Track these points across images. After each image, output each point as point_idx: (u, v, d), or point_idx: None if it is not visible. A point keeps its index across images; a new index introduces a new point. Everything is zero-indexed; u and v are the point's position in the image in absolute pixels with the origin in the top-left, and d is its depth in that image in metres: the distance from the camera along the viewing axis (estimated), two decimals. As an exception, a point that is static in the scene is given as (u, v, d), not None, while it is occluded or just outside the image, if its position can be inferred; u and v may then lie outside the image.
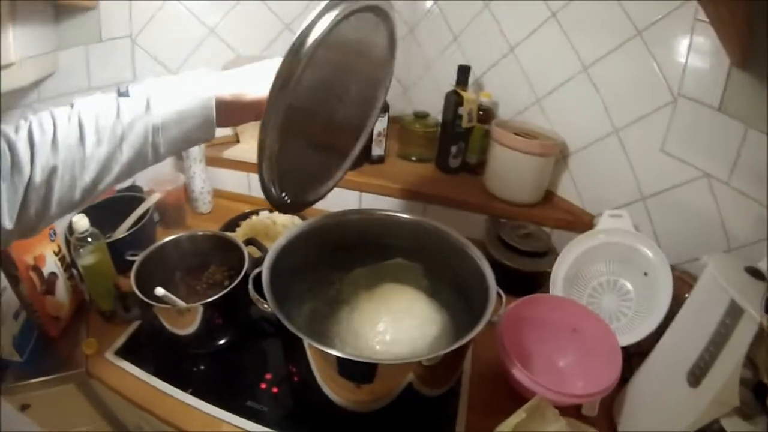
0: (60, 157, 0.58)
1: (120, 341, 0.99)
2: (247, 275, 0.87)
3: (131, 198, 1.25)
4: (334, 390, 0.80)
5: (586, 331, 1.06)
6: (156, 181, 1.33)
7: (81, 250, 0.97)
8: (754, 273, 0.82)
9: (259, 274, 0.82)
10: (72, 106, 0.61)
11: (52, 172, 0.58)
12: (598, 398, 0.96)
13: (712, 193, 1.07)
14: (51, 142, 0.57)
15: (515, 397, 0.94)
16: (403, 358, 0.82)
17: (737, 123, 0.99)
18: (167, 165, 1.44)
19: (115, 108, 0.61)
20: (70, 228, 1.04)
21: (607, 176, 1.28)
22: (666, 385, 0.89)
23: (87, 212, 1.01)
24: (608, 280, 1.18)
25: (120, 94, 0.62)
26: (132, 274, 0.93)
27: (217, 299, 0.89)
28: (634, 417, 0.96)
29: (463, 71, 1.40)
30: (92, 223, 0.99)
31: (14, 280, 0.92)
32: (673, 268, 1.07)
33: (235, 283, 0.92)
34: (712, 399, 0.80)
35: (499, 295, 0.88)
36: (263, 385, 0.91)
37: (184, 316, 0.90)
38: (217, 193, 1.51)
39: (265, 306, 0.77)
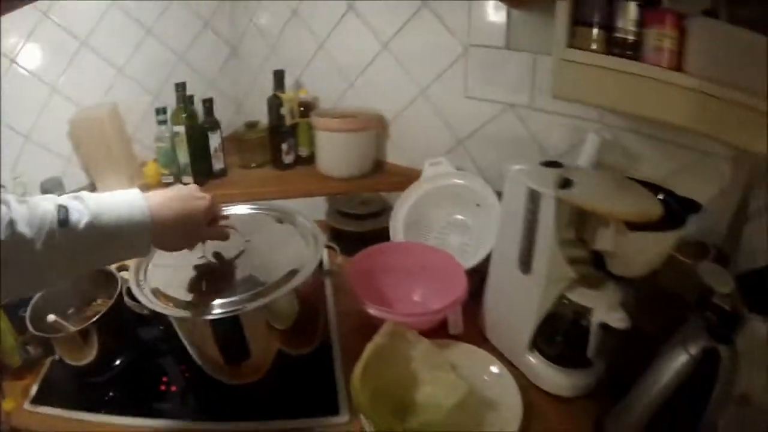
0: None
1: (33, 389, 0.91)
2: (122, 295, 0.85)
3: None
4: (214, 368, 0.82)
5: (434, 265, 1.01)
6: None
7: None
8: (550, 164, 0.82)
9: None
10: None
11: None
12: (452, 314, 0.89)
13: (519, 119, 1.09)
14: None
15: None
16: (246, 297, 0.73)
17: (525, 54, 1.03)
18: None
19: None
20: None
21: (424, 133, 1.27)
22: (507, 283, 0.85)
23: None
24: (448, 221, 1.15)
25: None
26: (27, 316, 0.87)
27: (102, 316, 0.85)
28: (494, 323, 0.91)
29: (278, 75, 1.34)
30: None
31: None
32: (501, 194, 1.05)
33: (113, 299, 0.88)
34: (545, 278, 0.77)
35: (332, 248, 0.92)
36: (162, 387, 0.91)
37: (79, 345, 0.86)
38: None
39: (144, 310, 0.76)
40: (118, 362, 0.92)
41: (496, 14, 1.05)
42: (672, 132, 0.87)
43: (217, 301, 0.71)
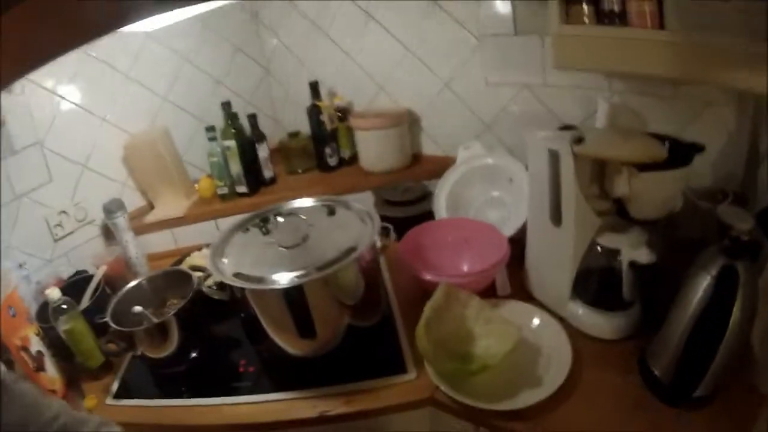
0: None
1: (114, 386, 1.03)
2: (199, 291, 1.01)
3: (80, 280, 1.25)
4: (291, 343, 0.94)
5: (476, 236, 1.15)
6: (95, 259, 1.34)
7: (60, 318, 1.00)
8: (566, 128, 0.95)
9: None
10: None
11: None
12: (499, 276, 1.03)
13: (535, 97, 1.23)
14: None
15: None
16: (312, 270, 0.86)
17: (532, 37, 1.18)
18: (99, 245, 1.43)
19: None
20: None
21: (453, 122, 1.42)
22: (543, 238, 0.98)
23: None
24: (485, 199, 1.28)
25: None
26: (108, 315, 0.99)
27: (181, 309, 0.97)
28: (537, 279, 1.04)
29: (314, 86, 1.53)
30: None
31: (9, 363, 0.94)
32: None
33: (190, 294, 1.00)
34: (575, 225, 0.89)
35: (386, 227, 1.03)
36: (241, 369, 1.01)
37: (159, 338, 0.98)
38: (150, 257, 1.46)
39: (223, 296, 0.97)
40: (194, 354, 1.04)
41: (501, 4, 1.19)
42: (673, 88, 1.00)
43: (286, 275, 0.85)
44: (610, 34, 0.84)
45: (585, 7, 0.86)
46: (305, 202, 1.07)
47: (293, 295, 0.87)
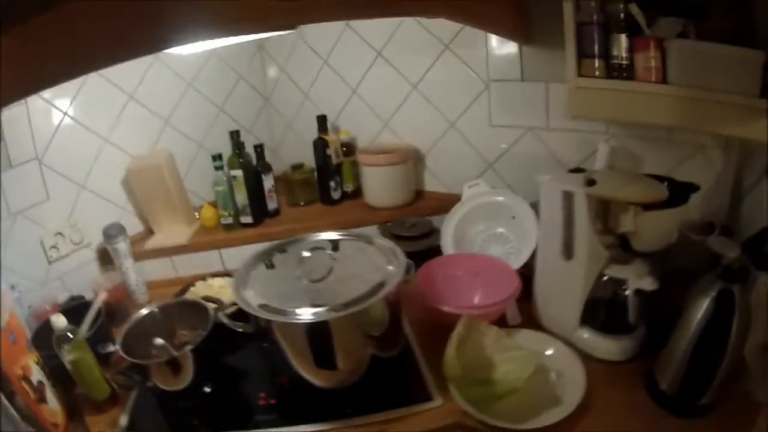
0: None
1: (123, 420, 1.01)
2: (215, 323, 1.02)
3: (77, 306, 1.23)
4: (312, 372, 0.96)
5: (485, 270, 1.24)
6: (96, 285, 1.32)
7: (64, 347, 0.98)
8: (576, 170, 1.07)
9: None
10: None
11: None
12: (510, 305, 1.12)
13: (539, 139, 1.36)
14: None
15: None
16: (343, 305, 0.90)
17: (538, 84, 1.31)
18: (94, 270, 1.43)
19: None
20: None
21: (457, 161, 1.53)
22: (553, 271, 1.08)
23: (48, 324, 1.01)
24: (488, 234, 1.38)
25: None
26: (119, 347, 0.98)
27: (200, 342, 0.98)
28: (545, 309, 1.12)
29: (322, 120, 1.61)
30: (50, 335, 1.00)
31: (10, 394, 0.87)
32: (532, 204, 1.28)
33: (210, 326, 1.02)
34: (587, 259, 1.00)
35: (408, 264, 1.04)
36: (261, 402, 1.02)
37: (174, 370, 0.97)
38: (148, 285, 1.46)
39: (248, 328, 0.97)
40: (208, 387, 1.04)
41: (510, 52, 1.33)
42: (667, 133, 1.14)
43: (315, 310, 0.89)
44: (620, 87, 0.97)
45: (596, 61, 0.99)
46: (331, 234, 1.12)
47: (322, 329, 0.90)
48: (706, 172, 1.09)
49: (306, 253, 1.02)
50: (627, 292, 0.96)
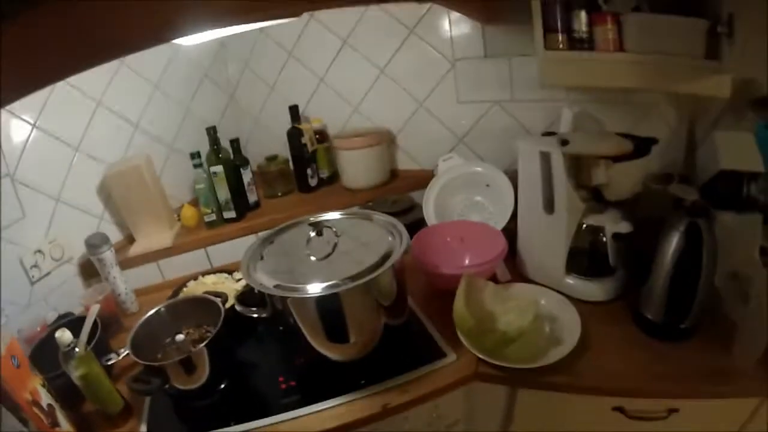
0: None
1: (143, 428, 1.00)
2: (228, 315, 1.04)
3: (68, 323, 1.17)
4: (330, 348, 1.00)
5: (470, 234, 1.34)
6: (86, 299, 1.30)
7: (71, 363, 0.96)
8: (548, 134, 1.18)
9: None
10: None
11: None
12: (500, 263, 1.23)
13: (505, 111, 1.46)
14: None
15: (452, 295, 1.11)
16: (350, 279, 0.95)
17: (501, 59, 1.42)
18: (76, 285, 1.40)
19: None
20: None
21: (429, 138, 1.62)
22: (536, 226, 1.19)
23: (41, 346, 1.04)
24: (467, 203, 1.48)
25: None
26: (130, 352, 0.98)
27: (216, 334, 0.99)
28: (532, 262, 1.24)
29: (294, 109, 1.65)
30: (48, 356, 0.99)
31: (23, 421, 0.86)
32: (505, 172, 1.40)
33: (220, 322, 1.02)
34: (567, 212, 1.11)
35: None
36: (282, 386, 1.05)
37: (190, 369, 0.98)
38: (137, 292, 1.45)
39: (263, 313, 1.01)
40: (226, 380, 1.05)
41: (473, 31, 1.42)
42: (625, 95, 1.28)
43: (329, 283, 0.93)
44: (583, 57, 1.09)
45: (560, 35, 1.11)
46: (333, 215, 1.18)
47: (337, 302, 0.95)
48: (661, 129, 1.23)
49: (311, 233, 1.06)
50: (605, 239, 1.09)
